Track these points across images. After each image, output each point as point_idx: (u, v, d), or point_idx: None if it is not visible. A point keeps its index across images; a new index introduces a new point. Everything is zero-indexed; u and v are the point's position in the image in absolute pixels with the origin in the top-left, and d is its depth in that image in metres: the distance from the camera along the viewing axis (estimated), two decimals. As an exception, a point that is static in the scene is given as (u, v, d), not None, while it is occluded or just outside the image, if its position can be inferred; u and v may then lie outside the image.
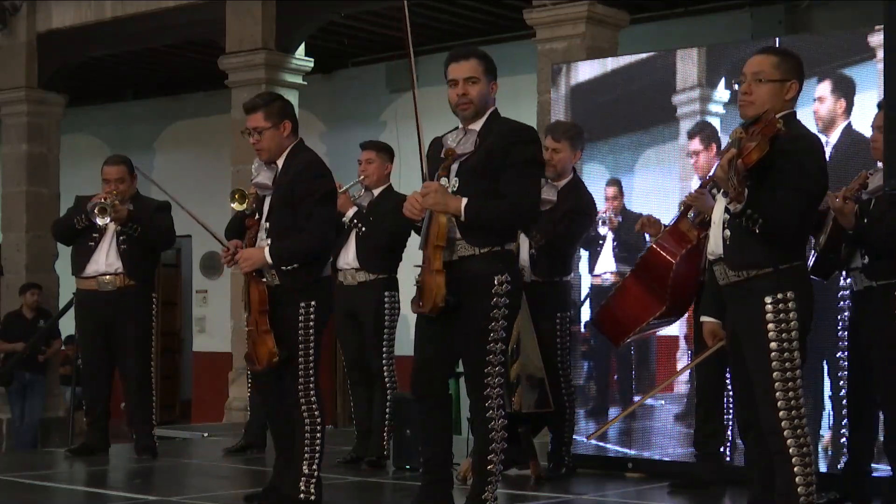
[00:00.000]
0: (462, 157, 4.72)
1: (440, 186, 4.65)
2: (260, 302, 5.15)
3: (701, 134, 6.61)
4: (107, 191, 7.21)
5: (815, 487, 4.29)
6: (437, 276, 4.59)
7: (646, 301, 5.80)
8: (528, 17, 8.95)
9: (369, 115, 11.98)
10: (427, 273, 4.63)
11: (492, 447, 4.70)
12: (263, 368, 5.19)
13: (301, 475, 5.22)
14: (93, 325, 7.35)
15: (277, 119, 5.25)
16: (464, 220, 4.62)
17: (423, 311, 4.68)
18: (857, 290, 5.38)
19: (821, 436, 6.06)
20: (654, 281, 5.76)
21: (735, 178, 4.07)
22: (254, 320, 5.15)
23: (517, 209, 4.71)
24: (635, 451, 6.77)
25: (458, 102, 4.75)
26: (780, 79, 4.35)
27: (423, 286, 4.64)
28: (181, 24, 11.29)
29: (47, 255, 12.10)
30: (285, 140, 5.28)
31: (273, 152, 5.28)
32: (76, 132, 13.92)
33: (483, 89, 4.75)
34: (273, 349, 5.11)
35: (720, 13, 10.12)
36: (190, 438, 9.85)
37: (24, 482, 6.48)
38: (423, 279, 4.64)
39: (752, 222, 4.18)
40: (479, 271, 4.65)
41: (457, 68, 4.76)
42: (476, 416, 4.76)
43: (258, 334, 5.15)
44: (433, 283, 4.59)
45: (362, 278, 6.90)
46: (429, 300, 4.62)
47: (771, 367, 4.24)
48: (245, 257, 5.18)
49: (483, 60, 4.78)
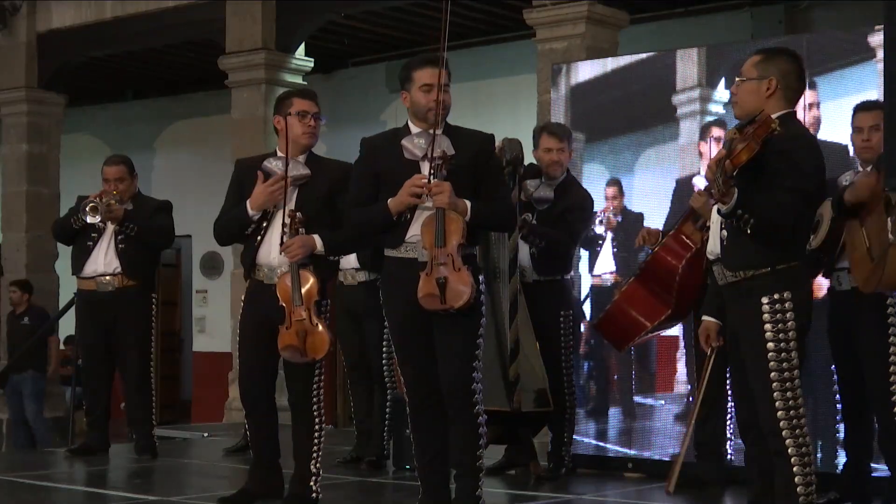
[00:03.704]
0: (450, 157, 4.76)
1: (450, 186, 4.70)
2: (317, 291, 5.13)
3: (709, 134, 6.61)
4: (106, 190, 7.22)
5: (815, 487, 4.30)
6: (465, 274, 4.67)
7: (650, 306, 5.79)
8: (528, 17, 8.95)
9: (369, 115, 11.98)
10: (452, 271, 4.67)
11: (480, 442, 4.82)
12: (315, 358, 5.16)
13: (310, 475, 5.29)
14: (93, 325, 7.35)
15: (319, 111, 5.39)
16: (468, 220, 4.72)
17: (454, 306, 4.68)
18: (841, 289, 5.34)
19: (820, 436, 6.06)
20: (659, 286, 5.75)
21: (721, 178, 4.08)
22: (306, 309, 5.11)
23: (510, 211, 5.02)
24: (635, 451, 6.77)
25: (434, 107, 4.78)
26: (757, 77, 4.37)
27: (447, 283, 4.66)
28: (181, 24, 11.29)
29: (47, 255, 12.10)
30: None
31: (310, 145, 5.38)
32: (76, 132, 13.92)
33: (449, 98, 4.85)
34: (332, 337, 5.13)
35: (720, 13, 10.12)
36: (190, 438, 9.85)
37: (24, 482, 6.48)
38: (449, 277, 4.66)
39: (742, 223, 4.19)
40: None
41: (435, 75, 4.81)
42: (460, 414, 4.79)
43: (311, 323, 5.11)
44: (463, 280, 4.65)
45: (362, 278, 6.89)
46: (457, 298, 4.66)
47: (769, 367, 4.24)
48: (299, 244, 5.11)
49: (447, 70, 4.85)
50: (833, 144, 5.96)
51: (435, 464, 4.89)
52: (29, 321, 11.51)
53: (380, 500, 6.30)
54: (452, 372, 4.76)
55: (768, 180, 4.21)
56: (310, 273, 5.16)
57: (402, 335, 4.89)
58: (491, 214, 4.85)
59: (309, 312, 5.11)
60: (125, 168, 7.36)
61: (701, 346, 5.00)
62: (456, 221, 4.69)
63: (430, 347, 4.81)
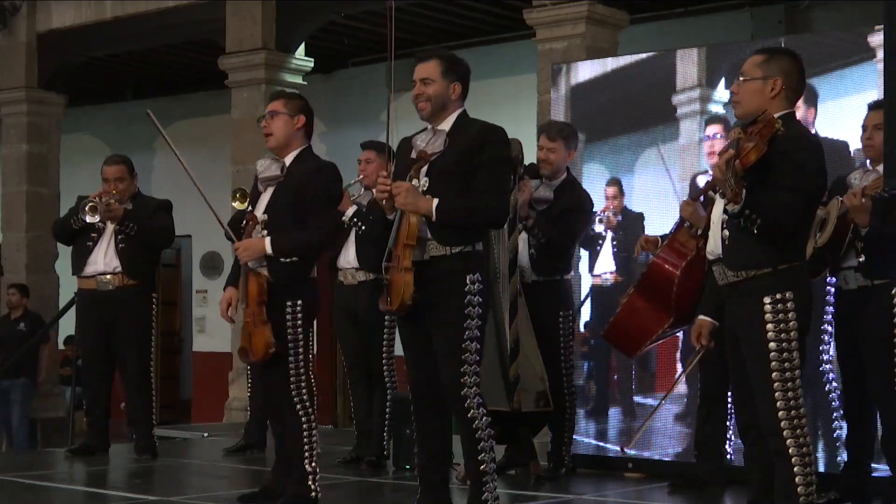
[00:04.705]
0: (432, 156, 4.75)
1: (411, 187, 4.68)
2: (259, 293, 5.17)
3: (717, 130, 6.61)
4: (106, 190, 7.22)
5: (815, 487, 4.29)
6: (406, 275, 4.63)
7: (653, 314, 5.79)
8: (528, 17, 8.96)
9: (369, 115, 11.98)
10: (395, 271, 4.67)
11: (480, 446, 4.71)
12: (259, 360, 5.21)
13: (306, 473, 5.26)
14: (93, 324, 7.35)
15: (295, 110, 5.34)
16: (435, 220, 4.65)
17: (391, 308, 4.72)
18: (848, 289, 5.35)
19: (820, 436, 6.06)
20: (658, 294, 5.75)
21: (732, 178, 4.08)
22: (251, 311, 5.18)
23: (488, 208, 4.73)
24: (635, 451, 6.76)
25: (415, 102, 4.82)
26: (761, 76, 4.36)
27: (392, 284, 4.68)
28: (181, 24, 11.30)
29: (47, 255, 12.10)
30: (295, 133, 5.34)
31: (280, 140, 5.32)
32: (76, 132, 13.92)
33: (439, 90, 4.78)
34: (270, 340, 5.15)
35: (720, 13, 10.12)
36: (190, 438, 9.85)
37: (24, 482, 6.48)
38: (392, 277, 4.68)
39: (749, 222, 4.18)
40: (451, 271, 4.68)
41: (417, 70, 4.83)
42: (457, 417, 4.77)
43: (255, 325, 5.17)
44: (401, 282, 4.63)
45: (362, 278, 6.89)
46: (396, 298, 4.66)
47: (770, 367, 4.24)
48: (245, 247, 5.21)
49: (444, 62, 4.82)
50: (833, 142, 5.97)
51: (433, 463, 4.87)
52: (25, 327, 11.46)
53: (380, 500, 6.30)
54: (443, 373, 4.75)
55: (771, 180, 4.21)
56: (257, 275, 5.21)
57: (402, 333, 4.90)
58: (466, 211, 4.67)
59: (254, 314, 5.17)
60: (125, 168, 7.36)
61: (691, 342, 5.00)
62: (408, 223, 4.64)
63: (427, 347, 4.79)
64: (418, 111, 4.84)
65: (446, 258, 4.69)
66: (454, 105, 4.83)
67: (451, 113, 4.82)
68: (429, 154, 4.74)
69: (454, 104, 4.83)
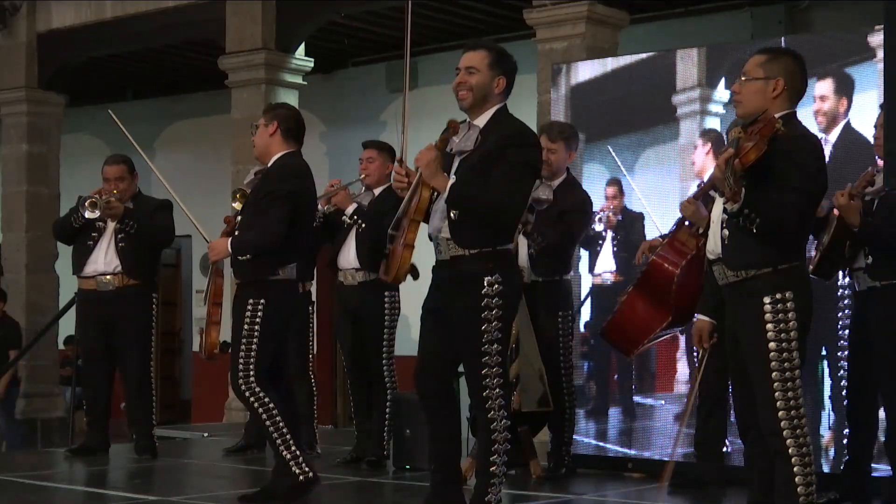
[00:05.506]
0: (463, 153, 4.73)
1: (437, 156, 4.66)
2: (215, 294, 5.54)
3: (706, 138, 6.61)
4: (106, 189, 7.23)
5: (815, 487, 4.29)
6: (406, 250, 4.65)
7: (652, 313, 5.79)
8: (528, 17, 8.95)
9: (369, 115, 11.98)
10: (398, 244, 4.67)
11: (495, 448, 4.69)
12: (206, 358, 5.58)
13: (285, 461, 5.34)
14: (93, 324, 7.35)
15: (269, 119, 5.62)
16: (446, 198, 4.63)
17: (387, 279, 4.76)
18: (860, 290, 5.38)
19: (821, 436, 6.06)
20: (657, 293, 5.74)
21: (731, 177, 4.08)
22: (207, 311, 5.54)
23: (499, 207, 4.66)
24: (635, 451, 6.77)
25: (456, 90, 4.78)
26: (763, 77, 4.36)
27: (391, 255, 4.69)
28: (181, 24, 11.29)
29: (47, 255, 12.09)
30: (271, 139, 5.59)
31: (259, 148, 5.64)
32: (76, 132, 13.91)
33: (483, 80, 4.73)
34: (215, 341, 5.39)
35: (720, 13, 10.11)
36: (190, 438, 9.85)
37: (24, 482, 6.48)
38: (393, 248, 4.68)
39: (749, 222, 4.18)
40: (468, 272, 4.65)
41: (463, 58, 4.80)
42: (478, 418, 4.77)
43: (208, 325, 5.51)
44: (400, 255, 4.65)
45: (362, 278, 6.89)
46: (392, 270, 4.69)
47: (770, 367, 4.24)
48: (211, 247, 5.56)
49: (493, 53, 4.78)
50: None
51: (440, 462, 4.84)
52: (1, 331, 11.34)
53: (380, 500, 6.30)
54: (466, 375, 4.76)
55: (771, 180, 4.21)
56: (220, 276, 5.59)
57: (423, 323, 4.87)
58: (475, 201, 4.62)
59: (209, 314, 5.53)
60: (125, 167, 7.37)
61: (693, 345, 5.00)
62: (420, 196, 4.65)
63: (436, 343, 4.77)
64: (458, 100, 4.78)
65: (465, 259, 4.67)
66: (496, 99, 4.78)
67: (491, 107, 4.76)
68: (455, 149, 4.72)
69: (496, 98, 4.78)
